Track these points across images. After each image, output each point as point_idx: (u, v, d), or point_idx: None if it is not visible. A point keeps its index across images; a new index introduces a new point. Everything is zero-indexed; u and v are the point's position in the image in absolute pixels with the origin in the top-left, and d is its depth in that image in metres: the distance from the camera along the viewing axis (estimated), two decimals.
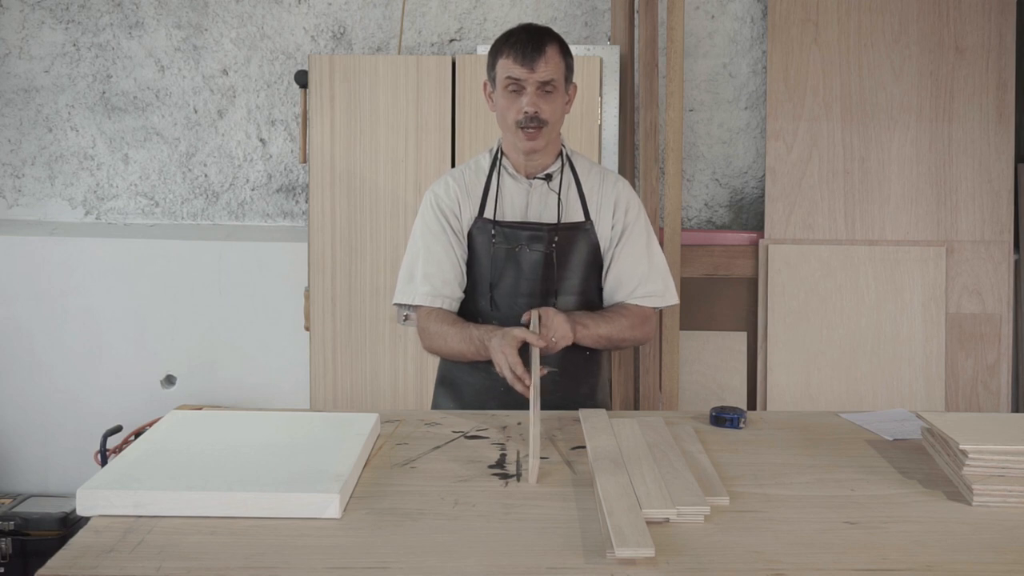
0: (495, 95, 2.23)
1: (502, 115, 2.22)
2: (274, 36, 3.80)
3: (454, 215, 2.28)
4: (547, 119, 2.18)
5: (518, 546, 1.44)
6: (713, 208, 3.86)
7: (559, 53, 2.19)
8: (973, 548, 1.46)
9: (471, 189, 2.29)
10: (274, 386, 3.69)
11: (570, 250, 2.26)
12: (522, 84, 2.16)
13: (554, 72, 2.17)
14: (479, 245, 2.27)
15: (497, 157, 2.30)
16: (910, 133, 3.58)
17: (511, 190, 2.28)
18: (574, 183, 2.30)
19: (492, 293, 2.25)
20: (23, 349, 3.73)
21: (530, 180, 2.28)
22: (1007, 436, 1.69)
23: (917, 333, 3.53)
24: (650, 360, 3.52)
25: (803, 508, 1.61)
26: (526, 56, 2.14)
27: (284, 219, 3.88)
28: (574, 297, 2.28)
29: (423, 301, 2.25)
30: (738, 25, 3.78)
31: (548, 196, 2.28)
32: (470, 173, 2.32)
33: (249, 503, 1.53)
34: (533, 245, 2.24)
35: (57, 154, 3.86)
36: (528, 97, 2.16)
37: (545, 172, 2.28)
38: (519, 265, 2.24)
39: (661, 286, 2.31)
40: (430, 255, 2.26)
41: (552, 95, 2.18)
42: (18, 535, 3.28)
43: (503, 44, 2.19)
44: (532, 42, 2.15)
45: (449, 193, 2.29)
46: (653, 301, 2.31)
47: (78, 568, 1.36)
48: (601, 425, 1.96)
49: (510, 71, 2.16)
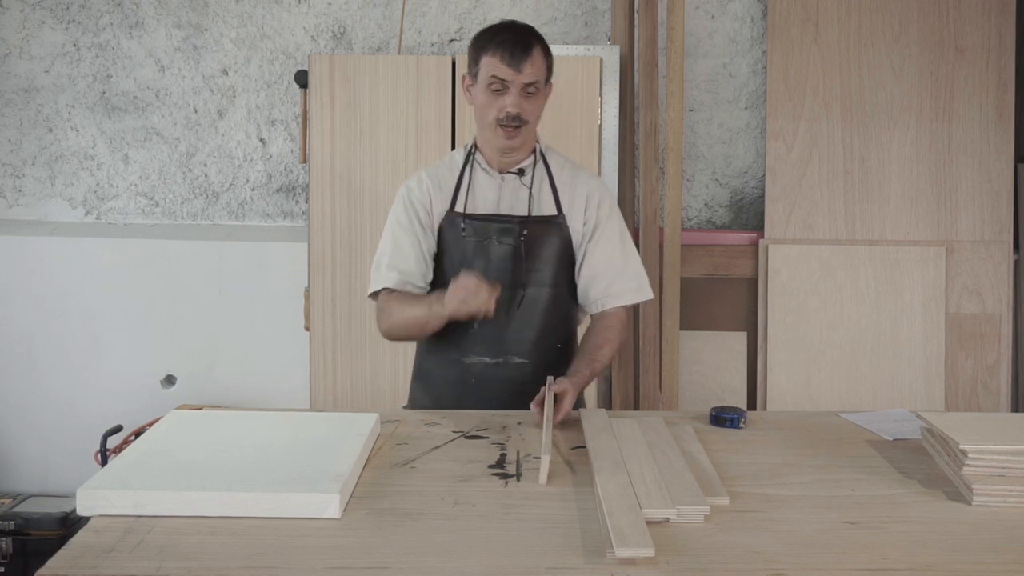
0: (476, 90, 2.24)
1: (482, 111, 2.23)
2: (274, 36, 3.80)
3: (424, 209, 2.30)
4: (528, 119, 2.21)
5: (518, 546, 1.44)
6: (713, 208, 3.86)
7: (543, 54, 2.21)
8: (973, 548, 1.45)
9: (443, 183, 2.32)
10: (274, 386, 3.68)
11: (540, 243, 2.27)
12: (507, 84, 2.17)
13: (538, 73, 2.19)
14: (449, 238, 2.29)
15: (471, 153, 2.33)
16: (910, 133, 3.58)
17: (483, 184, 2.30)
18: (547, 178, 2.32)
19: None
20: (23, 349, 3.73)
21: (502, 174, 2.30)
22: (1007, 436, 1.69)
23: (917, 333, 3.53)
24: (650, 360, 3.52)
25: (803, 508, 1.61)
26: (514, 57, 2.15)
27: (284, 219, 3.88)
28: (546, 289, 2.29)
29: (388, 284, 2.27)
30: (738, 25, 3.78)
31: (520, 190, 2.30)
32: (444, 168, 2.35)
33: (249, 503, 1.53)
34: (503, 238, 2.26)
35: (57, 154, 3.86)
36: (512, 98, 2.17)
37: (518, 167, 2.30)
38: (488, 257, 2.26)
39: (635, 283, 2.33)
40: (397, 247, 2.29)
41: (534, 96, 2.21)
42: (18, 535, 3.28)
43: (488, 41, 2.20)
44: (519, 43, 2.17)
45: (421, 187, 2.32)
46: (628, 298, 2.32)
47: (78, 568, 1.36)
48: (601, 425, 1.96)
49: (496, 70, 2.17)
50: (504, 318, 2.25)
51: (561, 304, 2.32)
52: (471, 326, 2.25)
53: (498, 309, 2.14)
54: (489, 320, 2.13)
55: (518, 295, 2.26)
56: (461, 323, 2.22)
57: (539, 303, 2.27)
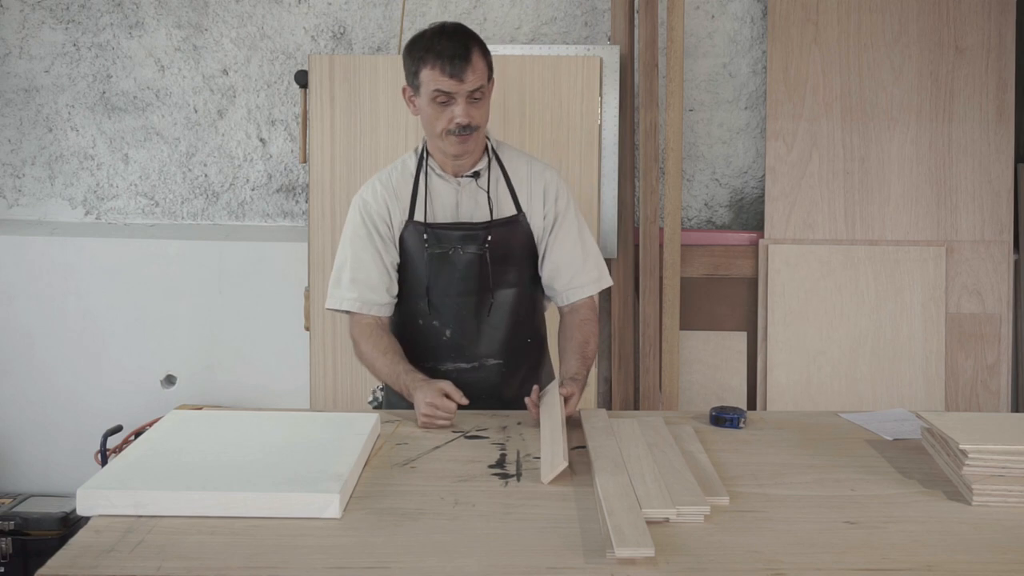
0: (419, 102, 2.20)
1: (430, 123, 2.19)
2: (274, 36, 3.80)
3: (383, 221, 2.27)
4: (478, 124, 2.18)
5: (518, 546, 1.44)
6: (713, 208, 3.86)
7: (482, 57, 2.17)
8: (973, 548, 1.46)
9: (399, 192, 2.28)
10: (274, 386, 3.68)
11: (504, 246, 2.27)
12: (451, 95, 2.13)
13: (480, 78, 2.15)
14: (412, 248, 2.27)
15: (423, 158, 2.29)
16: (910, 133, 3.58)
17: (440, 191, 2.28)
18: (502, 177, 2.30)
19: (428, 295, 2.26)
20: (23, 349, 3.73)
21: (458, 179, 2.28)
22: (1007, 436, 1.69)
23: (917, 333, 3.53)
24: (650, 360, 3.52)
25: (803, 508, 1.61)
26: (454, 67, 2.11)
27: (284, 219, 3.88)
28: (512, 289, 2.29)
29: (351, 307, 2.27)
30: (738, 25, 3.78)
31: (478, 194, 2.28)
32: (397, 175, 2.31)
33: (249, 503, 1.53)
34: (466, 246, 2.24)
35: (57, 154, 3.86)
36: (460, 107, 2.14)
37: (473, 170, 2.28)
38: (454, 266, 2.25)
39: (596, 273, 2.34)
40: (357, 262, 2.26)
41: (481, 101, 2.18)
42: (18, 535, 3.28)
43: (426, 53, 2.14)
44: (458, 51, 2.12)
45: (377, 198, 2.28)
46: (591, 289, 2.33)
47: (78, 568, 1.36)
48: (601, 425, 1.96)
49: (438, 83, 2.13)
50: (475, 325, 2.26)
51: (527, 300, 2.34)
52: (443, 335, 2.27)
53: (468, 316, 2.20)
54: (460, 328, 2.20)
55: (487, 301, 2.26)
56: (433, 331, 2.26)
57: (507, 304, 2.28)
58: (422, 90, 2.17)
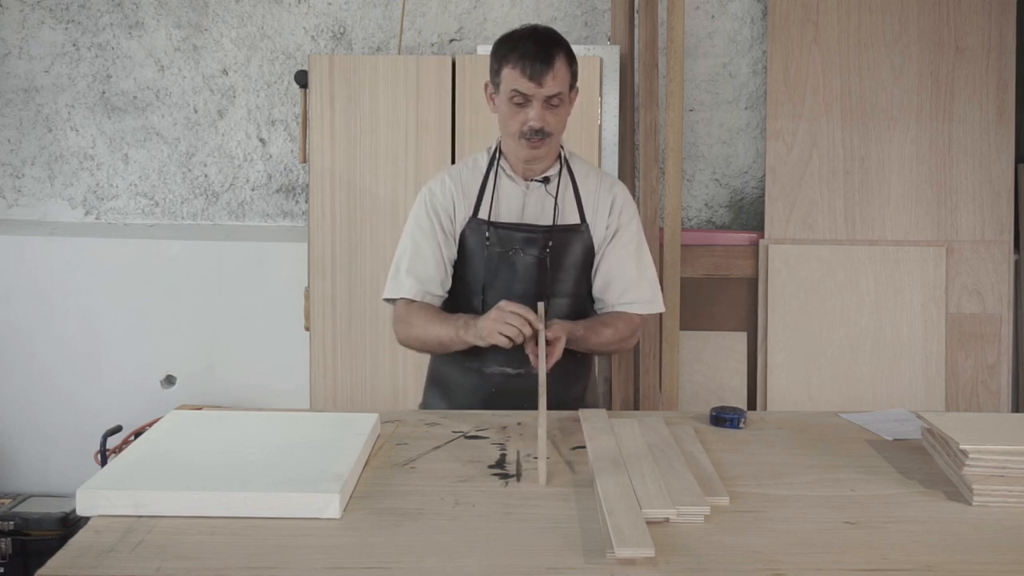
0: (498, 100, 2.19)
1: (505, 123, 2.18)
2: (274, 36, 3.80)
3: (447, 215, 2.26)
4: (552, 131, 2.16)
5: (518, 546, 1.44)
6: (713, 208, 3.86)
7: (566, 64, 2.15)
8: (973, 548, 1.45)
9: (467, 189, 2.27)
10: (274, 386, 3.68)
11: (564, 253, 2.25)
12: (529, 98, 2.12)
13: (561, 85, 2.13)
14: (472, 245, 2.25)
15: (495, 157, 2.28)
16: (910, 133, 3.58)
17: (508, 192, 2.26)
18: (571, 186, 2.28)
19: (484, 295, 2.23)
20: (23, 349, 3.73)
21: (527, 182, 2.27)
22: (1007, 436, 1.69)
23: (917, 333, 3.53)
24: (650, 360, 3.52)
25: (803, 508, 1.61)
26: (535, 71, 2.09)
27: (284, 219, 3.88)
28: (567, 299, 2.27)
29: (408, 294, 2.23)
30: (738, 25, 3.78)
31: (545, 199, 2.26)
32: (467, 172, 2.30)
33: (249, 503, 1.53)
34: (527, 248, 2.22)
35: (57, 154, 3.86)
36: (535, 111, 2.12)
37: (543, 175, 2.27)
38: (513, 267, 2.23)
39: (649, 293, 2.30)
40: (417, 252, 2.25)
41: (558, 108, 2.15)
42: (18, 535, 3.28)
43: (510, 52, 2.13)
44: (540, 55, 2.10)
45: (444, 192, 2.27)
46: (640, 308, 2.29)
47: (78, 568, 1.36)
48: (601, 425, 1.96)
49: (516, 84, 2.11)
50: None
51: (580, 312, 2.30)
52: None
53: None
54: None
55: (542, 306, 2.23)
56: None
57: (560, 313, 2.23)
58: (502, 88, 2.15)
